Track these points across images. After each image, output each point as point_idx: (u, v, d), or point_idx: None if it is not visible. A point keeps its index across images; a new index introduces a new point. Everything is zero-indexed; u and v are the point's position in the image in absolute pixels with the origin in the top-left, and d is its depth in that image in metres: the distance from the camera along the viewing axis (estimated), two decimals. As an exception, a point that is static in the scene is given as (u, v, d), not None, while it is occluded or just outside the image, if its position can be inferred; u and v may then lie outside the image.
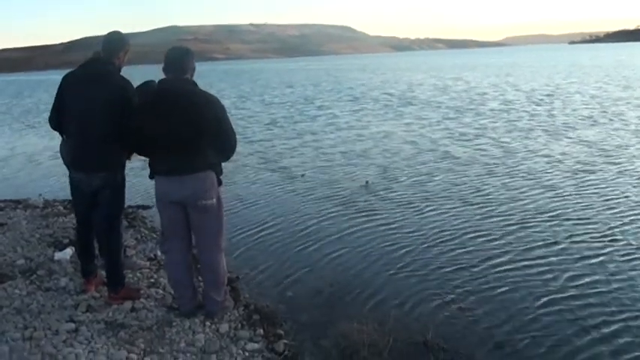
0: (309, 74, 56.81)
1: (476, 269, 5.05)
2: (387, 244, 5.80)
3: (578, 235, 5.77)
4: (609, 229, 5.89)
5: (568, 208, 6.68)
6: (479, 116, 16.25)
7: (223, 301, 4.14)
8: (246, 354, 3.63)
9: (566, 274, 4.83)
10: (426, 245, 5.70)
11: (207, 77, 55.99)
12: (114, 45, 4.10)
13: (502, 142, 11.77)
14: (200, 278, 4.40)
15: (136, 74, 4.45)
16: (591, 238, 5.68)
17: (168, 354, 3.57)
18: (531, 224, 6.17)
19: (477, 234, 5.95)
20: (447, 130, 13.88)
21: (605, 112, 15.69)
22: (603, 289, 4.53)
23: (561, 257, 5.21)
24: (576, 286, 4.61)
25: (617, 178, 8.17)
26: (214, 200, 3.86)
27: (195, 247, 4.10)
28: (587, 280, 4.72)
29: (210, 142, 3.74)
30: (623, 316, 4.09)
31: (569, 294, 4.47)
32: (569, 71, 38.44)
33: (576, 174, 8.49)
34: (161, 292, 4.55)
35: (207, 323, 3.98)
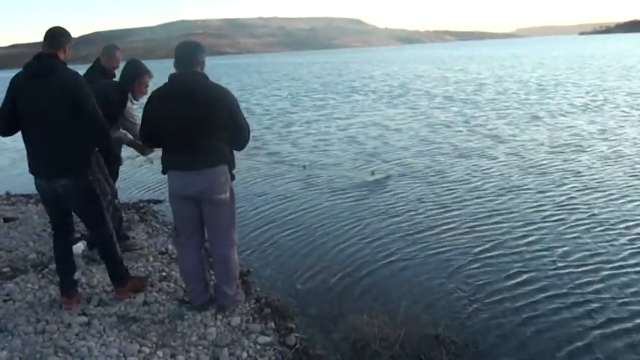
0: (315, 67, 56.72)
1: (485, 260, 5.03)
2: (396, 236, 5.77)
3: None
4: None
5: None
6: (471, 105, 16.78)
7: (235, 294, 4.14)
8: (258, 347, 3.63)
9: (580, 262, 4.80)
10: (436, 237, 5.67)
11: (214, 71, 56.26)
12: (57, 39, 3.84)
13: (492, 129, 12.24)
14: (212, 272, 4.42)
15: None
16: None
17: (180, 347, 3.58)
18: (551, 218, 6.11)
19: (485, 226, 5.91)
20: (439, 119, 14.28)
21: (594, 100, 16.12)
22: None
23: (575, 247, 5.17)
24: (590, 281, 4.56)
25: (591, 160, 8.69)
26: (227, 195, 3.85)
27: (207, 240, 4.10)
28: (604, 273, 4.68)
29: (223, 135, 3.73)
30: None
31: (582, 288, 4.43)
32: (571, 62, 38.61)
33: (562, 155, 9.14)
34: (173, 285, 4.56)
35: (219, 317, 3.99)
